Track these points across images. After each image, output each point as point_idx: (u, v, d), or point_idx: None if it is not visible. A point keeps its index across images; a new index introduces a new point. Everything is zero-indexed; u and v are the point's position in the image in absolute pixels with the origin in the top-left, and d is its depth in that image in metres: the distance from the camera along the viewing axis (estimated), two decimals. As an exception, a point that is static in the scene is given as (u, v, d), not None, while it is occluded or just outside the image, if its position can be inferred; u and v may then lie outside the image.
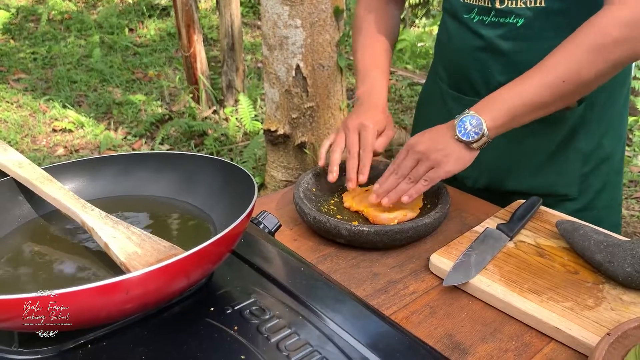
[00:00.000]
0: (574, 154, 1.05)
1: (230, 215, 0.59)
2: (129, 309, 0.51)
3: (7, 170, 0.67)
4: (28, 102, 4.01)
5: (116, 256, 0.55)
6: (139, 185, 0.71)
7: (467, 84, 1.09)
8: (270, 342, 0.53)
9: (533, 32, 0.98)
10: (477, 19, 1.02)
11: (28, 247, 0.63)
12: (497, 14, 0.99)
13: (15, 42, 5.27)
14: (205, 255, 0.51)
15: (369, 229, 0.85)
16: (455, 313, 0.76)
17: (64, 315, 0.47)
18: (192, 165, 0.71)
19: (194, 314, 0.57)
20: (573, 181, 1.07)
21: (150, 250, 0.56)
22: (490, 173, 1.10)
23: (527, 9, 0.96)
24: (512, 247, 0.87)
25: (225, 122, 3.62)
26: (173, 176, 0.71)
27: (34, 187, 0.64)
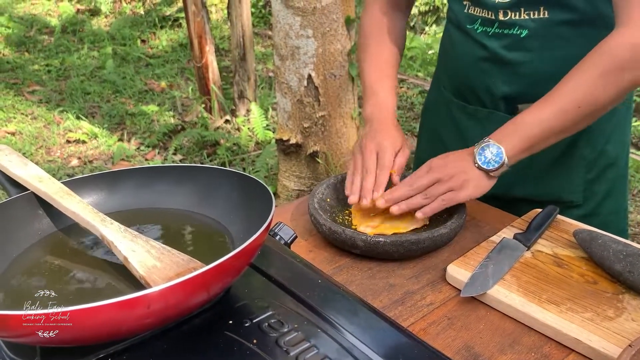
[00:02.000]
0: (578, 161, 1.05)
1: (247, 228, 0.59)
2: (150, 323, 0.51)
3: (28, 185, 0.68)
4: (42, 114, 4.06)
5: (136, 270, 0.56)
6: (157, 198, 0.72)
7: (471, 93, 1.10)
8: (290, 355, 0.53)
9: (537, 43, 0.98)
10: (481, 30, 1.02)
11: (48, 261, 0.63)
12: (500, 26, 0.99)
13: (30, 54, 5.34)
14: (225, 269, 0.52)
15: (385, 240, 0.85)
16: (473, 324, 0.76)
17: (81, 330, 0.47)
18: (209, 177, 0.71)
19: (212, 327, 0.57)
20: (577, 188, 1.07)
21: (170, 264, 0.56)
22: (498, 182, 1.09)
23: (531, 21, 0.96)
24: (530, 257, 0.86)
25: (237, 132, 3.64)
26: (191, 189, 0.72)
27: (54, 201, 0.65)
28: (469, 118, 1.12)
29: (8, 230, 0.65)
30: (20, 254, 0.64)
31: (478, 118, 1.10)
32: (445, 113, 1.17)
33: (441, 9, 5.63)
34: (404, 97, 4.16)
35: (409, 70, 4.67)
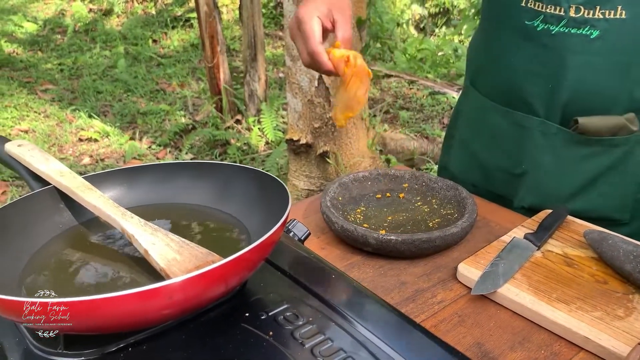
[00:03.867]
0: (630, 177, 1.00)
1: (264, 223, 0.61)
2: (170, 314, 0.52)
3: (50, 179, 0.69)
4: (55, 112, 4.10)
5: (156, 262, 0.57)
6: (175, 194, 0.74)
7: (521, 99, 1.01)
8: (305, 347, 0.54)
9: (607, 46, 0.90)
10: (542, 28, 0.93)
11: (69, 254, 0.65)
12: (568, 24, 0.90)
13: (43, 53, 5.40)
14: (242, 262, 0.53)
15: (396, 238, 0.86)
16: (483, 322, 0.77)
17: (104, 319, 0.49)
18: (226, 174, 0.73)
19: (229, 319, 0.58)
20: (626, 206, 1.02)
21: (189, 257, 0.57)
22: (536, 193, 1.05)
23: (605, 21, 0.88)
24: (540, 257, 0.87)
25: (248, 132, 3.66)
26: (208, 185, 0.73)
27: (75, 195, 0.66)
28: (513, 126, 1.04)
29: (31, 223, 0.67)
30: (42, 246, 0.66)
31: (525, 126, 1.01)
32: (479, 122, 1.10)
33: (451, 11, 5.63)
34: (414, 98, 4.17)
35: (419, 71, 4.68)
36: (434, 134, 3.47)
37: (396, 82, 4.45)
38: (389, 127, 3.65)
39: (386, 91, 4.33)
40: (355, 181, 1.06)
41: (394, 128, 3.65)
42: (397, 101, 4.13)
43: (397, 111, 3.95)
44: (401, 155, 3.12)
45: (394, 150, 3.15)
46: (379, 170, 1.09)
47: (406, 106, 4.06)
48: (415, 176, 1.06)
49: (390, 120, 3.82)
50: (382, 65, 4.76)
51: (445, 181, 1.03)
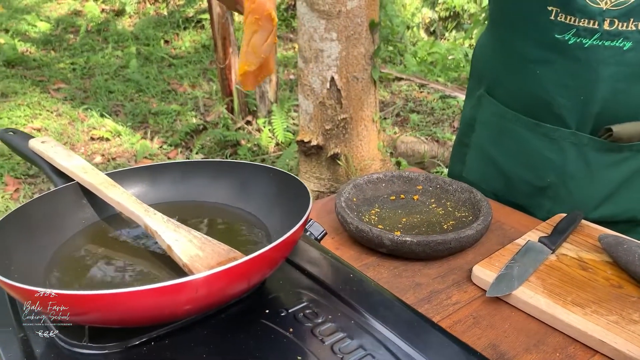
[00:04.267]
0: None
1: (283, 222, 0.61)
2: (194, 309, 0.53)
3: (73, 175, 0.70)
4: (67, 111, 4.13)
5: (179, 258, 0.58)
6: (195, 192, 0.75)
7: (549, 112, 1.00)
8: (325, 344, 0.55)
9: (639, 56, 0.91)
10: (574, 41, 0.92)
11: (92, 249, 0.66)
12: (602, 37, 0.91)
13: (56, 52, 5.44)
14: (265, 260, 0.54)
15: (411, 239, 0.87)
16: (498, 323, 0.77)
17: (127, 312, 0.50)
18: (246, 173, 0.73)
19: (250, 315, 0.59)
20: None
21: (211, 253, 0.58)
22: (565, 204, 1.05)
23: (638, 32, 0.89)
24: (555, 260, 0.87)
25: (258, 133, 3.68)
26: (228, 183, 0.74)
27: (99, 191, 0.67)
28: (539, 137, 1.03)
29: (55, 218, 0.68)
30: (66, 241, 0.67)
31: (553, 138, 1.01)
32: (501, 131, 1.10)
33: (461, 15, 5.63)
34: (424, 101, 4.17)
35: (430, 75, 4.68)
36: (445, 138, 3.47)
37: (407, 85, 4.46)
38: (399, 130, 3.65)
39: (397, 94, 4.33)
40: (369, 183, 1.07)
41: (404, 131, 3.65)
42: (407, 104, 4.13)
43: (407, 114, 3.95)
44: (412, 158, 3.12)
45: (405, 153, 3.16)
46: (393, 172, 1.09)
47: (417, 109, 4.06)
48: (429, 178, 1.07)
49: (401, 123, 3.83)
50: (393, 68, 4.77)
51: (460, 184, 1.03)
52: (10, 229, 0.62)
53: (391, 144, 3.16)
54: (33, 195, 3.06)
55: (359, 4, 2.26)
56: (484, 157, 1.16)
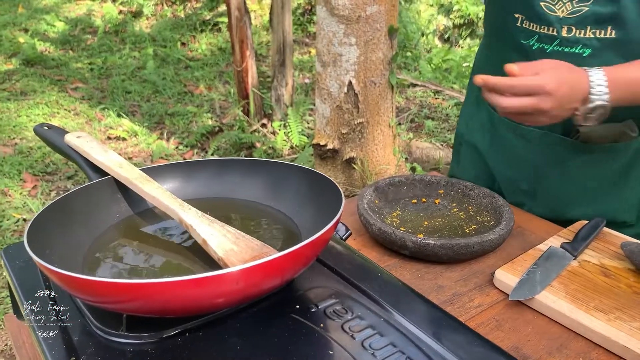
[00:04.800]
0: (634, 181, 1.04)
1: (315, 221, 0.63)
2: (231, 300, 0.55)
3: (109, 170, 0.72)
4: (85, 110, 4.18)
5: (214, 252, 0.59)
6: (227, 189, 0.76)
7: None
8: (355, 340, 0.56)
9: (598, 62, 0.92)
10: (537, 47, 0.97)
11: (125, 242, 0.68)
12: (561, 43, 0.95)
13: (74, 52, 5.50)
14: (299, 256, 0.55)
15: (435, 242, 0.87)
16: (521, 327, 0.78)
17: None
18: (278, 171, 0.75)
19: (280, 310, 0.60)
20: (632, 207, 1.06)
21: (245, 248, 0.60)
22: (546, 203, 1.09)
23: (596, 39, 0.93)
24: (577, 266, 0.88)
25: (273, 136, 3.70)
26: (260, 181, 0.76)
27: (134, 186, 0.69)
28: (518, 138, 1.08)
29: (90, 212, 0.70)
30: (101, 234, 0.69)
31: (529, 139, 1.06)
32: (488, 130, 1.14)
33: (476, 23, 5.63)
34: (439, 108, 4.17)
35: (444, 82, 4.68)
36: (459, 145, 3.46)
37: (421, 91, 4.46)
38: (414, 135, 3.66)
39: (411, 100, 4.34)
40: (391, 185, 1.08)
41: (419, 137, 3.66)
42: (422, 110, 4.14)
43: (422, 120, 3.96)
44: (426, 164, 3.13)
45: (420, 158, 3.16)
46: (414, 176, 1.10)
47: (431, 115, 4.06)
48: (450, 183, 1.07)
49: (415, 129, 3.83)
50: (407, 74, 4.78)
51: (482, 189, 1.04)
52: (50, 220, 0.64)
53: (406, 149, 3.17)
54: (50, 193, 3.09)
55: (379, 9, 2.28)
56: (476, 156, 1.20)
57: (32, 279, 0.66)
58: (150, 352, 0.54)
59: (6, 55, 5.11)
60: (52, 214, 0.64)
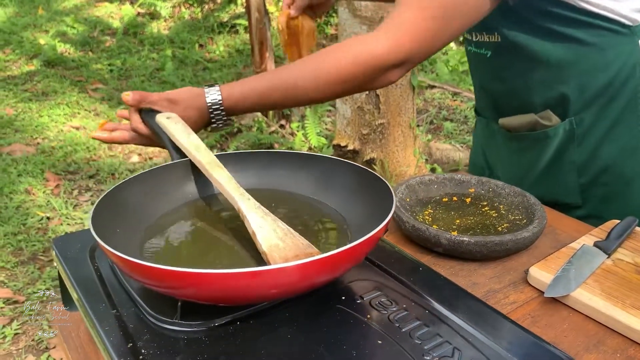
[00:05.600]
0: (568, 165, 1.10)
1: (363, 217, 0.64)
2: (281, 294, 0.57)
3: (187, 152, 0.76)
4: (105, 111, 4.23)
5: (260, 245, 0.61)
6: (278, 181, 0.79)
7: (479, 106, 1.25)
8: (402, 331, 0.57)
9: (497, 62, 1.08)
10: (469, 49, 1.14)
11: (189, 222, 0.72)
12: (476, 46, 1.10)
13: (93, 54, 5.57)
14: (352, 254, 0.57)
15: (469, 239, 0.88)
16: (557, 324, 0.78)
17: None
18: (327, 166, 0.77)
19: (327, 301, 0.62)
20: (573, 191, 1.11)
21: (291, 245, 0.61)
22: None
23: (490, 43, 1.06)
24: (611, 264, 0.88)
25: (291, 137, 3.72)
26: (309, 175, 0.78)
27: (205, 170, 0.72)
28: (479, 127, 1.28)
29: (164, 189, 0.75)
30: (168, 211, 0.73)
31: (482, 127, 1.26)
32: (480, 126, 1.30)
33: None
34: (458, 110, 4.17)
35: (462, 84, 4.68)
36: (478, 147, 3.46)
37: (439, 93, 4.46)
38: (432, 137, 3.66)
39: (429, 102, 4.34)
40: (421, 184, 1.09)
41: (437, 139, 3.66)
42: (440, 112, 4.14)
43: (440, 122, 3.96)
44: (446, 165, 3.13)
45: (440, 160, 3.16)
46: (444, 175, 1.11)
47: (450, 117, 4.06)
48: (481, 182, 1.08)
49: (434, 131, 3.83)
50: (425, 76, 4.78)
51: (513, 188, 1.05)
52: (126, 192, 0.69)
53: (426, 151, 3.17)
54: (72, 192, 3.14)
55: (401, 11, 2.29)
56: (478, 149, 1.32)
57: (83, 269, 0.68)
58: (204, 339, 0.56)
59: (27, 57, 5.19)
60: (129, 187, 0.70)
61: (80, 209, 2.98)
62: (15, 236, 2.69)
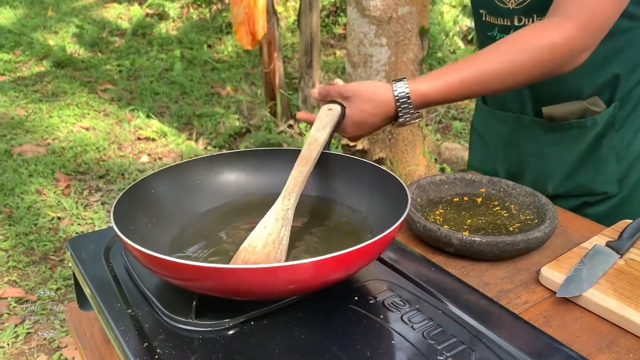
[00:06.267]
0: (607, 151, 1.08)
1: (383, 218, 0.65)
2: (296, 290, 0.57)
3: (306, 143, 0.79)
4: (114, 111, 4.25)
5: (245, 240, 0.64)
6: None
7: (498, 99, 1.18)
8: (416, 331, 0.57)
9: None
10: (499, 37, 1.07)
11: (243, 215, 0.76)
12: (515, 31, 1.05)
13: (102, 54, 5.60)
14: (364, 253, 0.57)
15: (480, 239, 0.88)
16: (569, 324, 0.78)
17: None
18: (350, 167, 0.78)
19: (340, 301, 0.62)
20: (611, 178, 1.10)
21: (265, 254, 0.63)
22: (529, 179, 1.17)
23: None
24: (623, 265, 0.88)
25: (300, 137, 3.73)
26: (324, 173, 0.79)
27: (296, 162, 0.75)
28: (498, 123, 1.20)
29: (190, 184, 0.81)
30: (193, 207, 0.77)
31: (506, 122, 1.18)
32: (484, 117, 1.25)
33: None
34: (467, 109, 4.16)
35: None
36: (487, 146, 3.45)
37: (448, 92, 4.45)
38: (441, 137, 3.66)
39: (438, 101, 4.33)
40: (432, 184, 1.09)
41: (446, 138, 3.65)
42: (449, 111, 4.13)
43: (449, 121, 3.95)
44: (455, 165, 3.12)
45: (449, 159, 3.16)
46: (455, 175, 1.11)
47: (459, 117, 4.05)
48: (492, 182, 1.08)
49: (443, 130, 3.83)
50: (434, 75, 4.76)
51: (524, 188, 1.05)
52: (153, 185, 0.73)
53: (435, 150, 3.17)
54: (83, 192, 3.16)
55: (410, 10, 2.28)
56: (479, 140, 1.30)
57: (98, 269, 0.69)
58: (218, 339, 0.56)
59: (37, 58, 5.23)
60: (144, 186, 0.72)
61: (91, 209, 3.00)
62: (26, 236, 2.71)
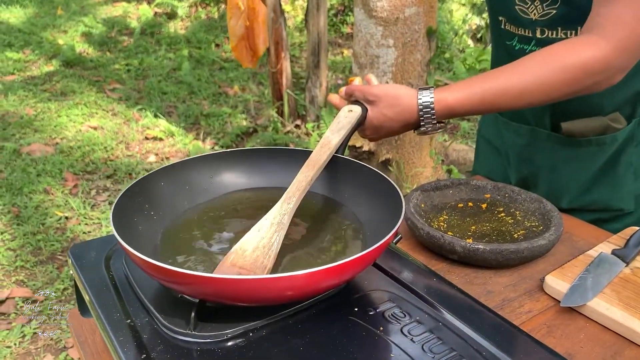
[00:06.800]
0: (625, 167, 1.06)
1: (380, 225, 0.64)
2: (292, 295, 0.58)
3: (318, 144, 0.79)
4: (122, 111, 4.27)
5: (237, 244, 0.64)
6: (289, 180, 0.80)
7: (515, 111, 1.13)
8: (415, 343, 0.57)
9: None
10: (519, 47, 1.04)
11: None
12: (537, 43, 1.01)
13: (111, 54, 5.62)
14: (360, 262, 0.57)
15: (484, 247, 0.88)
16: (573, 334, 0.77)
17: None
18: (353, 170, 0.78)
19: (339, 312, 0.62)
20: (628, 195, 1.08)
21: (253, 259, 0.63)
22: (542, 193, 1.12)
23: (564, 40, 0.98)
24: (629, 273, 0.87)
25: (307, 137, 3.72)
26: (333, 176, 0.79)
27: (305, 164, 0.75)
28: (511, 134, 1.17)
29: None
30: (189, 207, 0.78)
31: (520, 134, 1.14)
32: (496, 126, 1.22)
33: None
34: (474, 110, 4.14)
35: (479, 83, 4.63)
36: (494, 147, 3.43)
37: (456, 92, 4.43)
38: (449, 137, 3.64)
39: (445, 101, 4.31)
40: (436, 189, 1.08)
41: (454, 139, 3.64)
42: (456, 112, 4.11)
43: (457, 122, 3.93)
44: (463, 166, 3.11)
45: (456, 161, 3.14)
46: (460, 180, 1.11)
47: (466, 117, 4.03)
48: (497, 187, 1.07)
49: (450, 131, 3.81)
50: (442, 75, 4.75)
51: (529, 193, 1.04)
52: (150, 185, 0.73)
53: (442, 152, 3.15)
54: (90, 192, 3.17)
55: (417, 11, 2.27)
56: (489, 149, 1.27)
57: (98, 277, 0.69)
58: (217, 350, 0.56)
59: (47, 57, 5.26)
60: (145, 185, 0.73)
61: (98, 208, 3.01)
62: (34, 236, 2.73)
